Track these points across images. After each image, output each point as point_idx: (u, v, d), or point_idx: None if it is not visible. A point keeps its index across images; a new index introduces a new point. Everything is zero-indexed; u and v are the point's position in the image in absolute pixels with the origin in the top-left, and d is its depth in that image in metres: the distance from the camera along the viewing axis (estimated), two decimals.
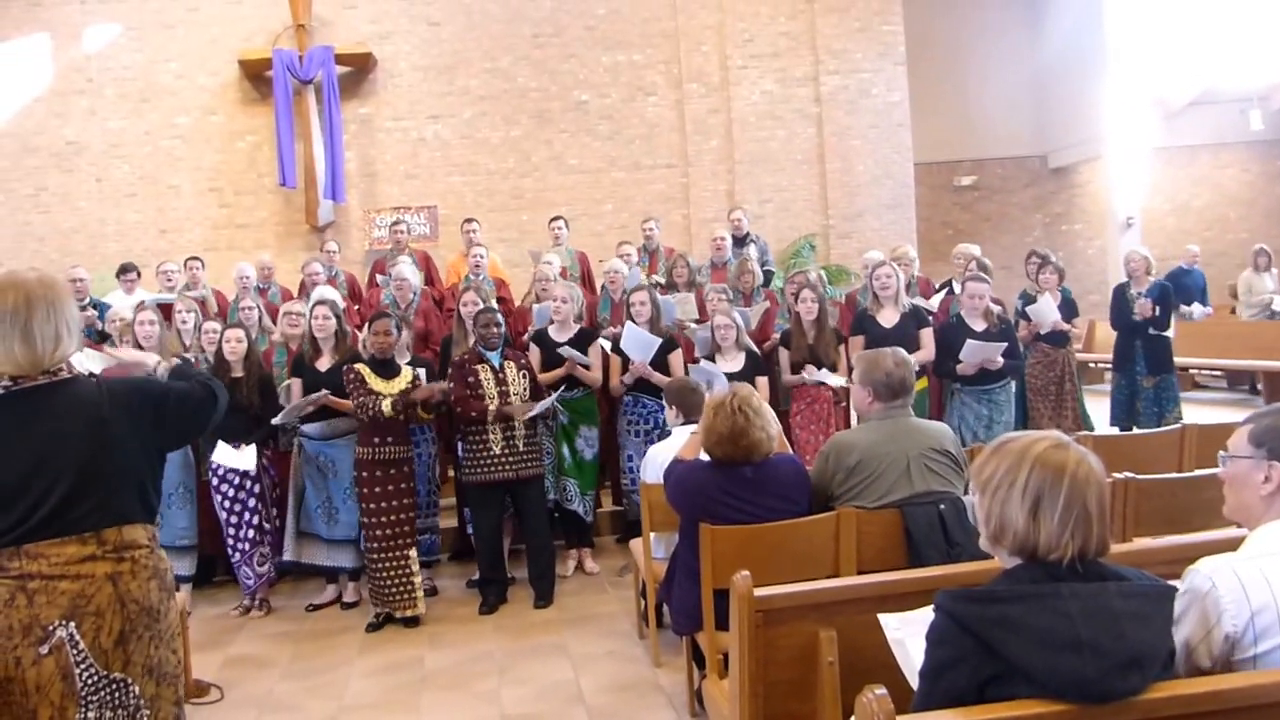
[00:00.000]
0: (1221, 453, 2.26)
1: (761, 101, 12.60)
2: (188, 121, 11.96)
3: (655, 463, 4.67)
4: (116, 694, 2.47)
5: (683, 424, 4.80)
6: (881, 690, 1.83)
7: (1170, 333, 7.87)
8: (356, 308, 8.39)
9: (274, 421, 5.97)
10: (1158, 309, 7.76)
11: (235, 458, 5.87)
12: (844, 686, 2.61)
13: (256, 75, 11.85)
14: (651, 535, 4.71)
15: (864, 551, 3.60)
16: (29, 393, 2.50)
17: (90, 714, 2.44)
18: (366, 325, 6.16)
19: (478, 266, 8.13)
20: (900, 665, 2.33)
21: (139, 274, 8.84)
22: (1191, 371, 12.60)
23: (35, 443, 2.46)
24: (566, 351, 6.25)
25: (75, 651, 2.42)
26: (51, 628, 2.40)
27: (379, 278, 8.61)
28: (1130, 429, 7.62)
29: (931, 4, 15.40)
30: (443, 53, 12.26)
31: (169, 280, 8.36)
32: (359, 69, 12.04)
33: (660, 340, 6.34)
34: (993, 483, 2.02)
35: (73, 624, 2.41)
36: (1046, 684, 1.83)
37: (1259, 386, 11.98)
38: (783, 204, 12.59)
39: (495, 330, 5.92)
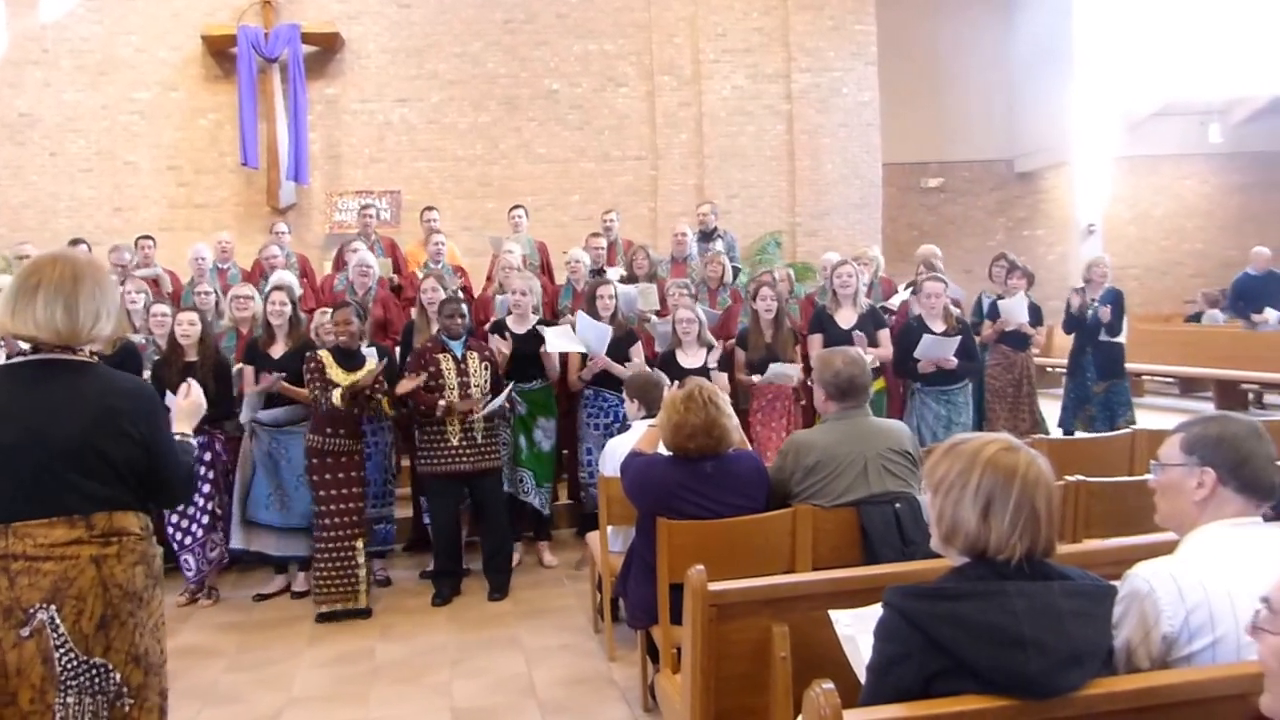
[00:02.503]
0: (1154, 461, 2.30)
1: (732, 96, 12.61)
2: (147, 97, 11.76)
3: (614, 456, 4.66)
4: (97, 679, 2.44)
5: (644, 417, 4.80)
6: (829, 685, 1.85)
7: (1122, 338, 7.99)
8: (302, 294, 8.27)
9: (241, 420, 5.89)
10: (1108, 309, 7.87)
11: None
12: (796, 681, 2.63)
13: (220, 51, 11.68)
14: (609, 529, 4.71)
15: (820, 549, 3.63)
16: (44, 364, 2.50)
17: (70, 698, 2.42)
18: (319, 314, 6.09)
19: (438, 255, 8.06)
20: (850, 661, 2.35)
21: (89, 250, 8.67)
22: (1144, 378, 12.79)
23: (30, 413, 2.44)
24: (548, 333, 6.22)
25: (55, 635, 2.39)
26: (32, 610, 2.37)
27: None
28: (1073, 433, 7.72)
29: (904, 6, 15.49)
30: (412, 35, 12.16)
31: (121, 260, 8.19)
32: (326, 49, 11.90)
33: (612, 330, 6.31)
34: (945, 484, 2.04)
35: (53, 607, 2.39)
36: (991, 679, 1.86)
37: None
38: (750, 200, 12.62)
39: (459, 320, 5.87)
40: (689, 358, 6.31)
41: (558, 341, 6.20)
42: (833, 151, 12.73)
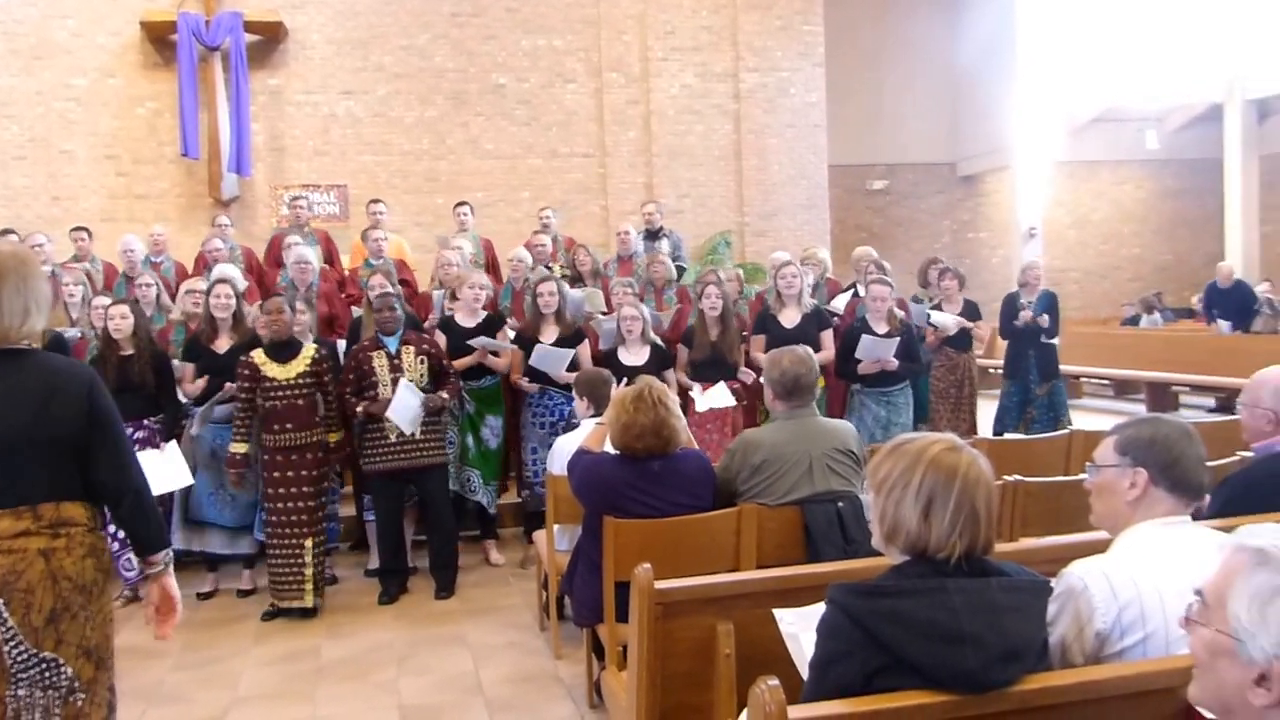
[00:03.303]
0: (1089, 463, 2.36)
1: (681, 95, 12.65)
2: (84, 83, 11.46)
3: (562, 454, 4.66)
4: (47, 673, 2.41)
5: (592, 415, 4.80)
6: (774, 681, 1.87)
7: (1056, 340, 8.16)
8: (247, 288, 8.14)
9: (193, 432, 5.81)
10: (1046, 317, 8.02)
11: (166, 471, 5.47)
12: (740, 678, 2.65)
13: (159, 38, 11.44)
14: (555, 527, 4.72)
15: (764, 547, 3.66)
16: None
17: (20, 691, 2.38)
18: (257, 307, 6.01)
19: (378, 251, 8.00)
20: (794, 658, 2.38)
21: (20, 240, 8.44)
22: (1081, 380, 13.07)
23: None
24: (480, 341, 6.19)
25: (4, 629, 2.35)
26: None
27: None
28: (1003, 434, 7.85)
29: (852, 8, 15.66)
30: (357, 26, 12.01)
31: (41, 250, 7.97)
32: (269, 38, 11.72)
33: (571, 353, 6.29)
34: (888, 483, 2.07)
35: (1, 600, 2.35)
36: (930, 675, 1.89)
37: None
38: (700, 199, 12.67)
39: (390, 314, 5.79)
40: (632, 356, 6.31)
41: (540, 365, 6.21)
42: (780, 152, 12.82)
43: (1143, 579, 2.09)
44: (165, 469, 5.37)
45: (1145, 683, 1.97)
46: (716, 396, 6.46)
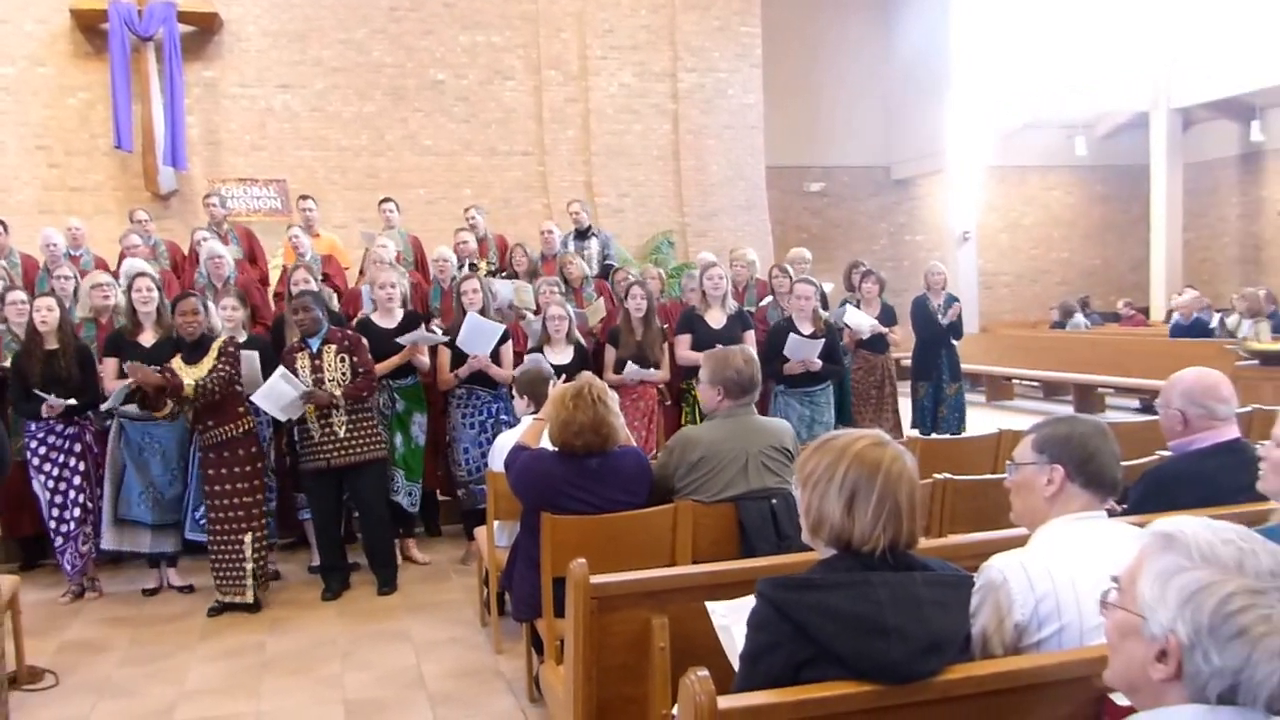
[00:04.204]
0: (1009, 461, 2.45)
1: (619, 94, 12.68)
2: (12, 72, 11.19)
3: (502, 451, 4.65)
4: None
5: (532, 413, 4.83)
6: (703, 672, 1.91)
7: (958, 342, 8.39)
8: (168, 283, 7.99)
9: (103, 408, 5.71)
10: (957, 306, 8.24)
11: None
12: (675, 671, 2.69)
13: (90, 27, 11.21)
14: (495, 524, 4.74)
15: (699, 543, 3.71)
16: None
17: None
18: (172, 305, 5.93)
19: (300, 247, 7.92)
20: (726, 650, 2.43)
21: None
22: (1012, 382, 13.36)
23: None
24: (410, 338, 6.16)
25: None
26: None
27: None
28: (930, 434, 8.04)
29: (790, 10, 15.81)
30: (294, 19, 11.87)
31: None
32: (203, 29, 11.54)
33: (503, 329, 6.32)
34: (814, 477, 2.14)
35: None
36: (855, 666, 1.95)
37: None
38: (640, 199, 12.72)
39: (305, 314, 5.69)
40: (557, 355, 6.34)
41: (469, 336, 6.19)
42: (718, 153, 12.92)
43: (1059, 572, 2.17)
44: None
45: (1061, 672, 2.05)
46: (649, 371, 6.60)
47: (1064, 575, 2.16)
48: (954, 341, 8.34)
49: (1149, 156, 16.98)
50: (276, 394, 5.50)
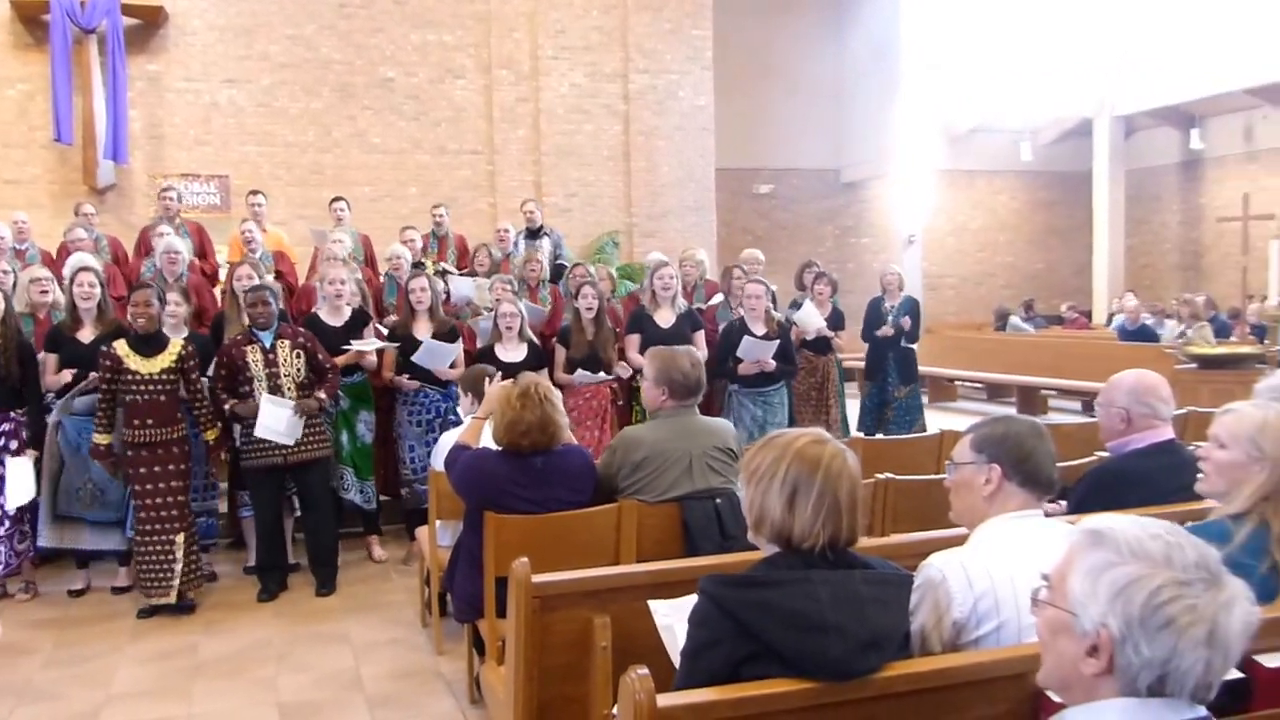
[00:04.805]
0: (948, 461, 2.47)
1: (570, 94, 12.66)
2: None
3: (445, 450, 4.63)
4: None
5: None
6: (644, 670, 1.90)
7: (915, 345, 8.45)
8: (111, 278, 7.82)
9: (50, 420, 5.59)
10: (908, 319, 8.30)
11: (20, 483, 5.35)
12: (617, 670, 2.66)
13: (31, 18, 10.96)
14: (437, 523, 4.69)
15: (644, 543, 3.70)
16: None
17: None
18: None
19: (251, 242, 7.80)
20: (668, 649, 2.43)
21: None
22: (956, 383, 13.52)
23: None
24: (357, 345, 6.11)
25: None
26: None
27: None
28: (875, 435, 8.12)
29: (741, 14, 15.88)
30: (241, 13, 11.70)
31: None
32: (148, 22, 11.33)
33: (457, 349, 6.27)
34: (757, 474, 2.15)
35: None
36: (795, 663, 1.96)
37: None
38: (589, 199, 12.70)
39: (264, 309, 5.62)
40: (509, 353, 6.31)
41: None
42: (668, 154, 12.94)
43: (997, 570, 2.18)
44: (15, 482, 5.33)
45: (998, 669, 2.07)
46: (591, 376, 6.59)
47: (1002, 573, 2.18)
48: (909, 345, 8.39)
49: (1092, 163, 17.30)
50: (275, 419, 5.47)
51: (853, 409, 8.64)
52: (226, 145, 11.64)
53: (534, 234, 9.06)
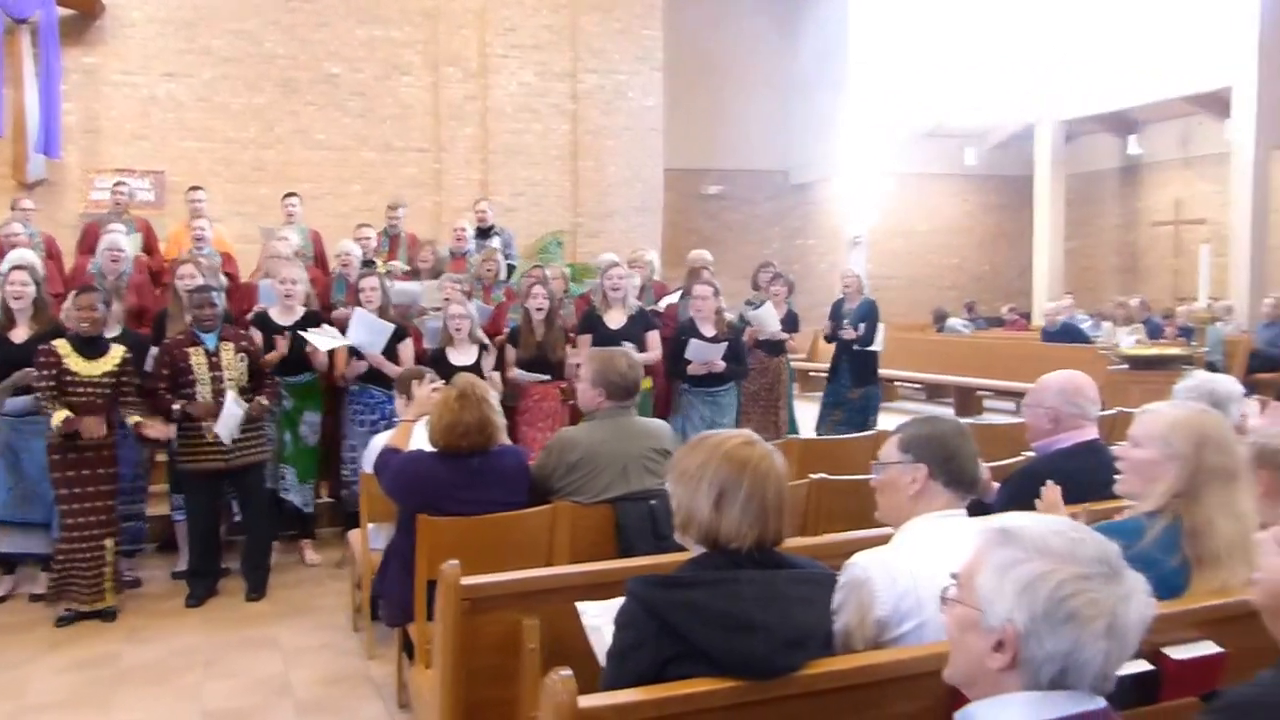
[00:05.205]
0: (874, 461, 2.50)
1: (519, 93, 12.59)
2: None
3: (376, 451, 4.58)
4: None
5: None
6: (566, 672, 1.90)
7: (877, 347, 8.49)
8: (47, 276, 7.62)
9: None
10: (863, 327, 8.37)
11: None
12: (546, 672, 2.65)
13: None
14: (369, 526, 4.64)
15: (579, 544, 3.68)
16: None
17: None
18: (71, 297, 5.68)
19: (201, 239, 7.66)
20: (596, 651, 2.42)
21: None
22: (896, 384, 13.65)
23: None
24: (316, 335, 6.02)
25: None
26: None
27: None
28: (830, 434, 8.18)
29: (691, 16, 15.94)
30: (182, 6, 11.45)
31: None
32: (84, 13, 11.04)
33: (393, 327, 6.21)
34: (685, 475, 2.16)
35: None
36: (720, 662, 1.97)
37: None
38: (535, 198, 12.63)
39: (210, 310, 5.55)
40: (460, 355, 6.25)
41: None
42: (616, 154, 12.92)
43: (920, 568, 2.21)
44: None
45: (919, 666, 2.09)
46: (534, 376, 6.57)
47: (925, 572, 2.20)
48: (866, 349, 8.45)
49: (1035, 167, 17.60)
50: (233, 418, 5.41)
51: (801, 409, 8.70)
52: (165, 140, 11.40)
53: (484, 233, 8.99)
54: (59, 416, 5.09)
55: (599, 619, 2.47)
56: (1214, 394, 3.58)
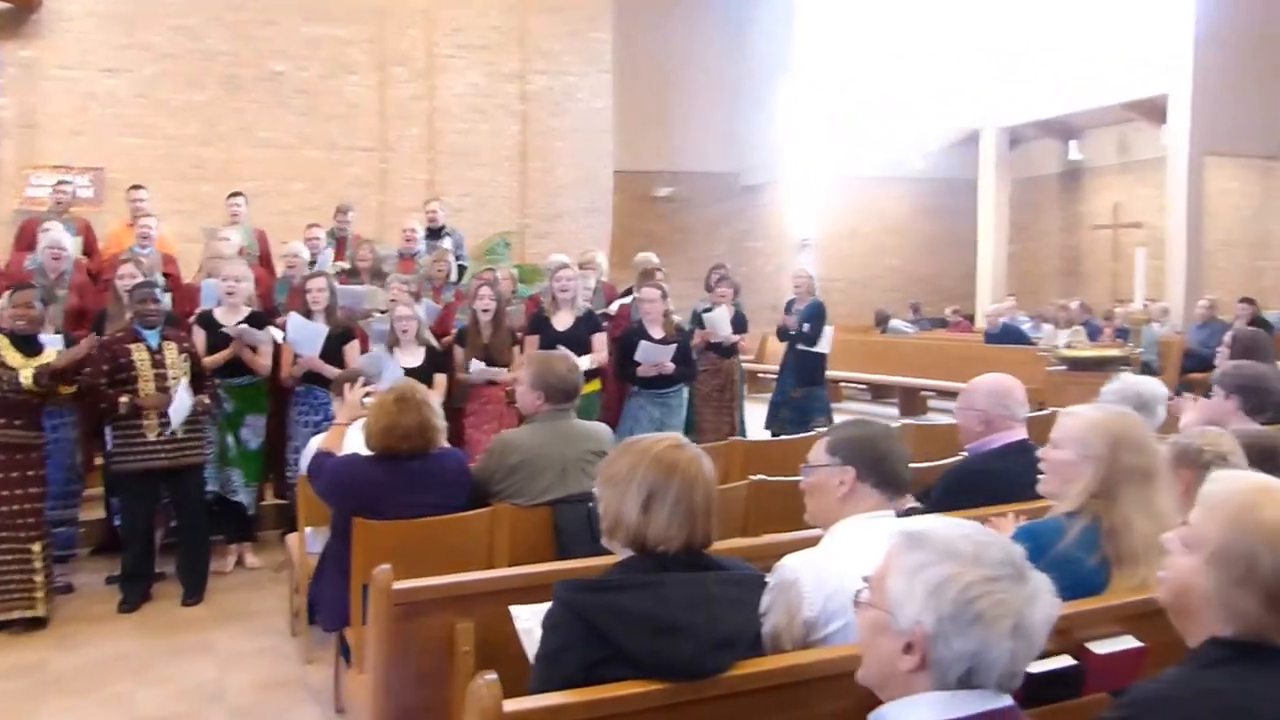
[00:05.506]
0: (803, 464, 2.52)
1: (467, 93, 12.52)
2: None
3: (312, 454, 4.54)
4: None
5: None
6: (491, 676, 1.91)
7: (823, 348, 8.57)
8: None
9: None
10: (806, 325, 8.45)
11: None
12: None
13: None
14: (308, 530, 4.58)
15: (518, 547, 3.68)
16: None
17: None
18: (7, 295, 5.57)
19: (146, 237, 7.54)
20: (528, 654, 2.42)
21: None
22: (841, 384, 13.78)
23: None
24: (237, 330, 5.94)
25: None
26: None
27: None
28: (779, 435, 8.27)
29: (641, 19, 15.95)
30: (122, 0, 11.26)
31: None
32: (21, 6, 10.78)
33: (327, 330, 6.15)
34: (614, 479, 2.17)
35: None
36: (646, 665, 1.98)
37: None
38: (482, 199, 12.57)
39: (153, 307, 5.50)
40: (406, 357, 6.21)
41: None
42: (565, 155, 12.90)
43: (847, 569, 2.22)
44: None
45: (846, 665, 2.08)
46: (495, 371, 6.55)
47: (853, 573, 2.20)
48: (811, 349, 8.53)
49: (979, 171, 17.86)
50: (184, 405, 5.34)
51: (750, 410, 8.76)
52: (104, 136, 11.18)
53: (435, 234, 8.93)
54: (28, 373, 5.02)
55: (531, 622, 2.47)
56: (1139, 395, 3.68)
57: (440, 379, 6.27)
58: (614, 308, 7.90)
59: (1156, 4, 14.47)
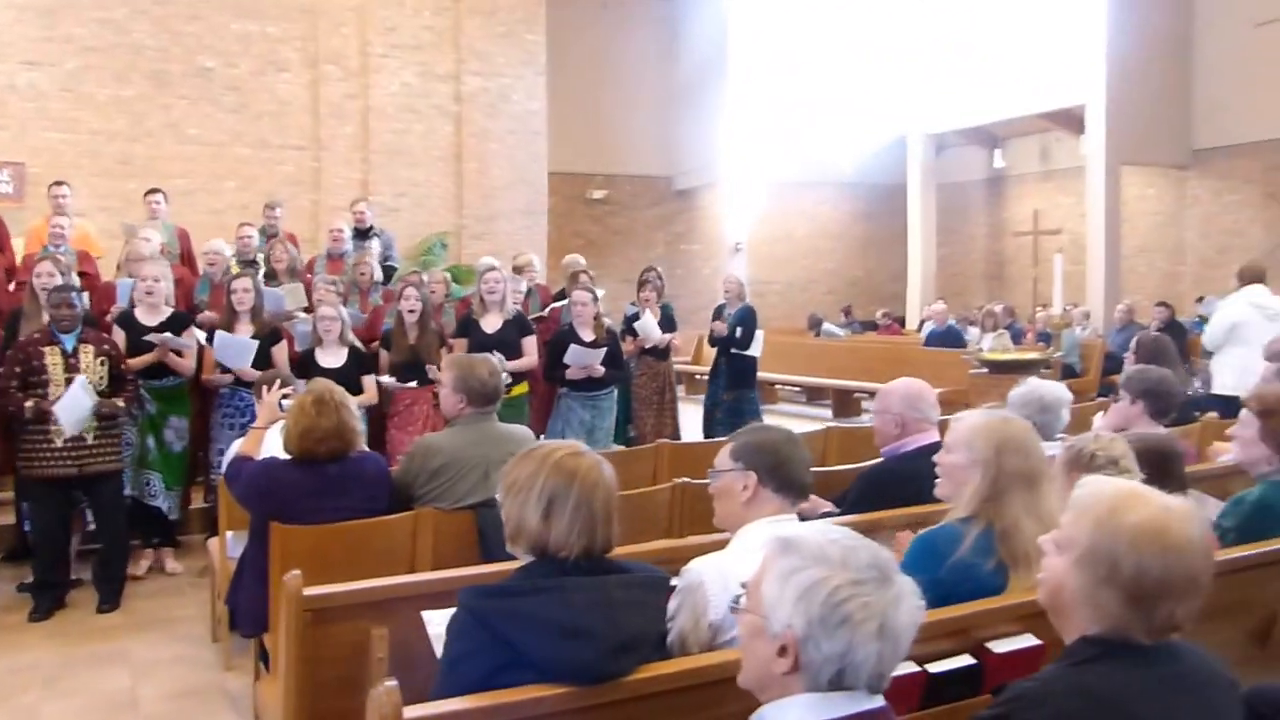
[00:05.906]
0: (710, 469, 2.57)
1: (401, 93, 12.47)
2: None
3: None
4: None
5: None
6: (392, 683, 1.92)
7: (754, 352, 8.65)
8: None
9: None
10: (739, 330, 8.52)
11: None
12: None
13: None
14: (229, 534, 4.53)
15: (442, 551, 3.68)
16: None
17: None
18: None
19: (59, 237, 7.37)
20: (440, 660, 2.44)
21: None
22: (776, 387, 13.92)
23: None
24: (159, 337, 5.85)
25: None
26: None
27: None
28: (712, 437, 8.33)
29: (574, 21, 15.97)
30: None
31: None
32: None
33: (255, 345, 6.06)
34: (515, 486, 2.20)
35: None
36: (548, 669, 2.00)
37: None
38: (418, 199, 12.53)
39: (69, 311, 5.35)
40: (329, 358, 6.15)
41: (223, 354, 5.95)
42: (500, 156, 12.90)
43: (750, 573, 2.29)
44: None
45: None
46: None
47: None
48: (743, 353, 8.60)
49: (907, 177, 18.16)
50: (79, 406, 5.16)
51: (684, 411, 8.82)
52: (25, 131, 10.95)
53: (363, 234, 8.82)
54: None
55: (442, 627, 2.48)
56: (1042, 400, 3.79)
57: (370, 381, 6.23)
58: (547, 311, 7.90)
59: (1073, 17, 14.83)
